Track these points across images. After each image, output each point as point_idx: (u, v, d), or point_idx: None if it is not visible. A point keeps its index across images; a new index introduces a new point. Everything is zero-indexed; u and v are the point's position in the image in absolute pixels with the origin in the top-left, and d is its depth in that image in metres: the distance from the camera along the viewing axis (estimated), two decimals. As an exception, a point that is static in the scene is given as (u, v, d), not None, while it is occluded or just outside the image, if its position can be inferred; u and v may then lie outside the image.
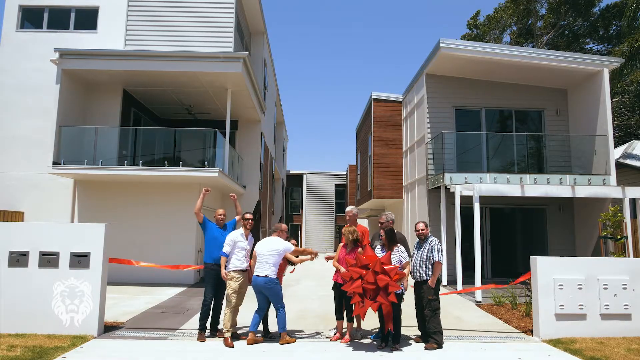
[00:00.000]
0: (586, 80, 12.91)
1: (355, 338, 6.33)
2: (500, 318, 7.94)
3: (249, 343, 5.96)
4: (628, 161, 14.50)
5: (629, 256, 10.02)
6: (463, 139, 12.91)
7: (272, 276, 6.04)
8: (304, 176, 31.82)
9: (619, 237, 9.78)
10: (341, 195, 31.78)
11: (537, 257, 6.82)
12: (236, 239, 6.27)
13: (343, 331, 6.35)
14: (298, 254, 6.57)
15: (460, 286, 10.02)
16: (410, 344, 6.14)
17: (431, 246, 6.21)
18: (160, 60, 11.65)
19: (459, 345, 6.15)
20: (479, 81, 13.70)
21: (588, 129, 12.72)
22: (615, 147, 15.22)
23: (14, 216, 12.11)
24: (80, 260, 6.34)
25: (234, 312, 6.23)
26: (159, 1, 13.98)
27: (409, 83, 15.64)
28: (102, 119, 12.53)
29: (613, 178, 11.78)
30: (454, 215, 10.65)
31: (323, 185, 31.84)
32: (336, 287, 6.35)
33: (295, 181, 32.21)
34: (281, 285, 6.32)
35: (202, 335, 6.24)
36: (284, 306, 6.16)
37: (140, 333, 6.52)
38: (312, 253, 6.64)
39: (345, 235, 6.31)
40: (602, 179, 11.66)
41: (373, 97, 17.27)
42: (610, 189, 10.55)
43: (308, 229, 31.23)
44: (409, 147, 15.57)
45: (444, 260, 9.91)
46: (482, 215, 12.50)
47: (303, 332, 6.74)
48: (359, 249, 6.17)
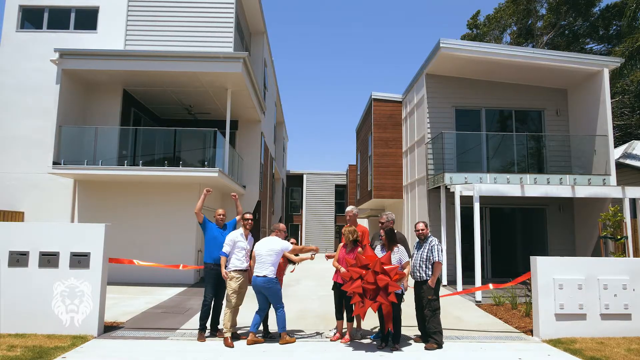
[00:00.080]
0: (586, 80, 12.91)
1: (355, 338, 6.33)
2: (500, 318, 7.94)
3: (249, 343, 5.96)
4: (628, 161, 14.50)
5: (629, 256, 10.02)
6: (463, 139, 12.91)
7: (271, 276, 6.04)
8: (304, 176, 31.80)
9: (619, 237, 9.78)
10: (341, 195, 31.76)
11: (537, 257, 6.82)
12: (236, 239, 6.28)
13: (343, 331, 6.35)
14: (297, 253, 6.57)
15: (460, 287, 10.01)
16: (410, 344, 6.15)
17: (431, 246, 6.21)
18: (160, 60, 11.66)
19: (459, 345, 6.16)
20: (479, 81, 13.70)
21: (588, 129, 12.72)
22: (615, 147, 15.23)
23: (14, 216, 12.12)
24: (80, 260, 6.34)
25: (234, 312, 6.23)
26: (159, 1, 13.99)
27: (409, 83, 15.64)
28: (102, 119, 12.53)
29: (613, 178, 11.78)
30: (454, 215, 10.65)
31: (323, 185, 31.83)
32: (336, 287, 6.35)
33: (295, 181, 32.20)
34: (281, 285, 6.32)
35: (202, 335, 6.24)
36: (284, 306, 6.16)
37: (140, 333, 6.52)
38: (313, 250, 6.63)
39: (345, 235, 6.31)
40: (602, 179, 11.66)
41: (373, 97, 17.26)
42: (610, 189, 10.55)
43: (308, 229, 31.22)
44: (409, 147, 15.57)
45: (444, 260, 9.91)
46: (482, 215, 12.50)
47: (303, 332, 6.74)
48: (359, 249, 6.17)
